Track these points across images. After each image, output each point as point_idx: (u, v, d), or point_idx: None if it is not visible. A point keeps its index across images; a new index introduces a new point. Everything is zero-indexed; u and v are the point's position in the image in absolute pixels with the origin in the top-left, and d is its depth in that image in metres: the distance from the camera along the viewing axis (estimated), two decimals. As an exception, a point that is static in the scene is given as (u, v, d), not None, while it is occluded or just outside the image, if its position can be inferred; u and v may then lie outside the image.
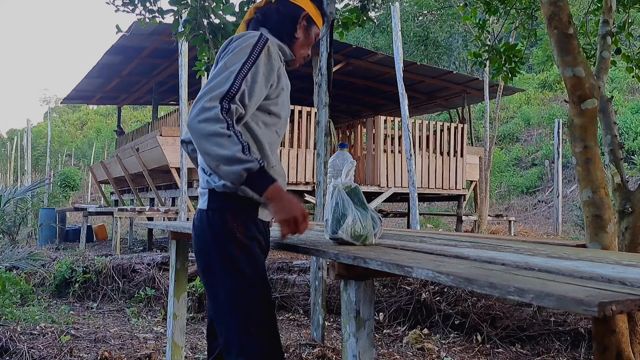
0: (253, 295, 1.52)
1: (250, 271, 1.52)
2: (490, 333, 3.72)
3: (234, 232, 1.51)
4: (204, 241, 1.56)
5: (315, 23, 1.67)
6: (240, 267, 1.51)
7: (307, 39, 1.67)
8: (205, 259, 1.56)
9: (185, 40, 3.85)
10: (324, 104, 3.81)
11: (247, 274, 1.51)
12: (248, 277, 1.51)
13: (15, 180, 24.65)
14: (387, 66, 9.58)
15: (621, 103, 17.24)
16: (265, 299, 1.55)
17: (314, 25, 1.67)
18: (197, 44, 3.58)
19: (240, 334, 1.51)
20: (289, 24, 1.63)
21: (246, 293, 1.51)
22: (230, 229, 1.51)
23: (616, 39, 4.11)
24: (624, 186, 2.54)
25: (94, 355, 3.29)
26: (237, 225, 1.52)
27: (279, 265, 5.19)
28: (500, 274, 1.03)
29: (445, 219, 13.57)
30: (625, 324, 2.04)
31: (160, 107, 14.73)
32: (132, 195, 11.51)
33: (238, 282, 1.51)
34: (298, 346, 3.47)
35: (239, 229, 1.52)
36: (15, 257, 4.84)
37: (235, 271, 1.51)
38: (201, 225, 1.57)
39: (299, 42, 1.66)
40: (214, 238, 1.53)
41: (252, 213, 1.56)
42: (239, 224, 1.52)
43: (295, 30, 1.64)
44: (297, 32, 1.64)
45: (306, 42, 1.68)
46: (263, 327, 1.53)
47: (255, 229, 1.57)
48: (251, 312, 1.51)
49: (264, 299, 1.54)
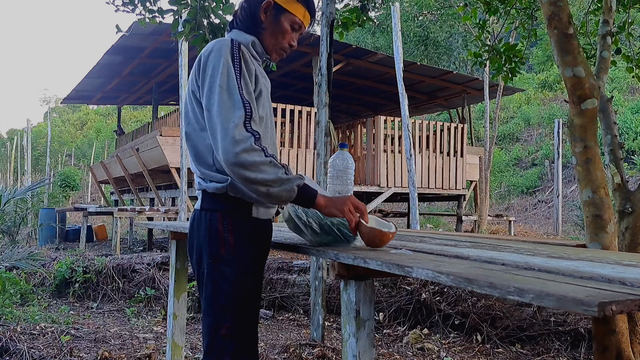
0: (229, 296, 1.52)
1: (230, 272, 1.52)
2: (490, 333, 3.72)
3: (223, 232, 1.53)
4: (196, 240, 1.59)
5: (286, 10, 1.61)
6: (222, 268, 1.52)
7: (277, 28, 1.62)
8: (195, 257, 1.60)
9: (185, 40, 3.85)
10: (324, 104, 3.81)
11: (227, 275, 1.52)
12: (227, 278, 1.52)
13: (15, 180, 24.66)
14: (387, 66, 9.58)
15: (621, 103, 17.24)
16: (242, 301, 1.54)
17: (286, 13, 1.62)
18: (197, 44, 3.58)
19: (211, 333, 1.53)
20: (253, 14, 1.62)
21: (223, 293, 1.52)
22: (218, 229, 1.53)
23: (616, 39, 4.11)
24: (624, 186, 2.54)
25: (94, 355, 3.29)
26: (227, 225, 1.53)
27: (279, 265, 5.18)
28: (500, 274, 1.03)
29: (445, 219, 13.57)
30: (625, 324, 2.04)
31: (160, 107, 14.75)
32: (132, 195, 11.51)
33: (216, 282, 1.53)
34: (298, 346, 3.46)
35: (229, 228, 1.53)
36: (15, 257, 4.83)
37: (215, 270, 1.53)
38: (193, 224, 1.61)
39: (267, 32, 1.62)
40: (203, 237, 1.56)
41: (245, 212, 1.57)
42: (229, 223, 1.54)
43: (261, 21, 1.62)
44: (263, 22, 1.62)
45: (279, 31, 1.62)
46: (235, 331, 1.53)
47: (249, 228, 1.57)
48: (225, 313, 1.52)
49: (241, 301, 1.54)
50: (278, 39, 1.64)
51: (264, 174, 1.40)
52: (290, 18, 1.63)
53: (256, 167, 1.39)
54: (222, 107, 1.43)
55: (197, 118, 1.56)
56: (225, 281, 1.52)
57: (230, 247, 1.53)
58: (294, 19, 1.63)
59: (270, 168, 1.41)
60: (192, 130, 1.58)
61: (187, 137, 1.60)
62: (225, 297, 1.52)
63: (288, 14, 1.62)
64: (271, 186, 1.41)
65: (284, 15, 1.62)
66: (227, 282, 1.52)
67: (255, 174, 1.39)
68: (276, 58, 1.68)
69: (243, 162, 1.38)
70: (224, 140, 1.40)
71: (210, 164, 1.55)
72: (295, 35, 1.67)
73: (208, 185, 1.55)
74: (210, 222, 1.55)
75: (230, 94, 1.44)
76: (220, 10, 3.43)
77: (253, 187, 1.42)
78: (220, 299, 1.52)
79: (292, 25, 1.64)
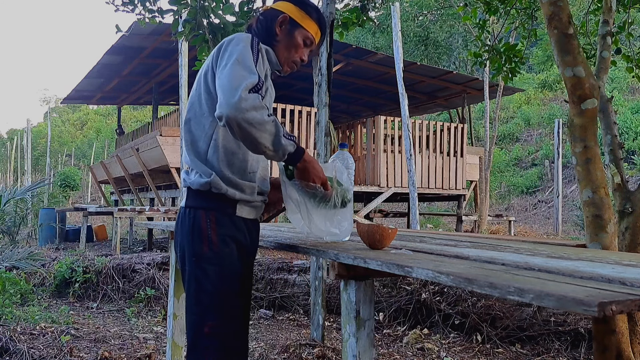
0: (212, 294, 1.53)
1: (213, 270, 1.53)
2: (490, 333, 3.72)
3: (206, 230, 1.55)
4: (179, 237, 1.61)
5: (300, 26, 1.69)
6: (204, 266, 1.54)
7: (290, 42, 1.69)
8: (179, 255, 1.62)
9: (185, 40, 3.85)
10: (324, 104, 3.81)
11: (210, 273, 1.53)
12: (210, 276, 1.53)
13: (15, 180, 24.66)
14: (387, 66, 9.57)
15: (621, 103, 17.24)
16: (225, 299, 1.55)
17: (300, 28, 1.69)
18: (197, 44, 3.58)
19: (194, 331, 1.55)
20: (269, 27, 1.68)
21: (205, 291, 1.53)
22: (201, 227, 1.55)
23: (616, 39, 4.11)
24: (624, 186, 2.54)
25: (94, 355, 3.29)
26: (210, 222, 1.55)
27: (279, 265, 5.18)
28: (500, 274, 1.03)
29: (445, 219, 13.57)
30: (625, 324, 2.04)
31: (160, 107, 14.73)
32: (132, 195, 11.51)
33: (199, 280, 1.54)
34: (298, 346, 3.47)
35: (212, 226, 1.55)
36: (15, 257, 4.83)
37: (198, 268, 1.54)
38: (178, 222, 1.64)
39: (281, 46, 1.68)
40: (186, 235, 1.58)
41: (228, 210, 1.58)
42: (212, 221, 1.55)
43: (276, 34, 1.68)
44: (278, 35, 1.68)
45: (292, 46, 1.69)
46: (218, 329, 1.53)
47: (233, 227, 1.58)
48: (208, 312, 1.53)
49: (224, 300, 1.54)
50: (291, 53, 1.70)
51: (269, 132, 1.43)
52: (304, 33, 1.70)
53: (262, 126, 1.41)
54: (234, 69, 1.45)
55: (201, 103, 1.59)
56: (208, 279, 1.53)
57: (214, 245, 1.54)
58: (307, 35, 1.71)
59: (274, 127, 1.44)
60: (193, 116, 1.62)
61: (185, 122, 1.63)
62: (208, 296, 1.53)
63: (302, 30, 1.70)
64: (275, 138, 1.44)
65: (297, 30, 1.69)
66: (209, 280, 1.53)
67: (260, 133, 1.42)
68: (287, 71, 1.74)
69: (251, 119, 1.39)
70: (232, 92, 1.41)
71: (202, 152, 1.57)
72: (307, 50, 1.74)
73: (192, 181, 1.58)
74: (194, 219, 1.57)
75: (245, 64, 1.47)
76: (220, 10, 3.43)
77: (255, 142, 1.44)
78: (202, 297, 1.54)
79: (305, 41, 1.71)
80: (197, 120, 1.60)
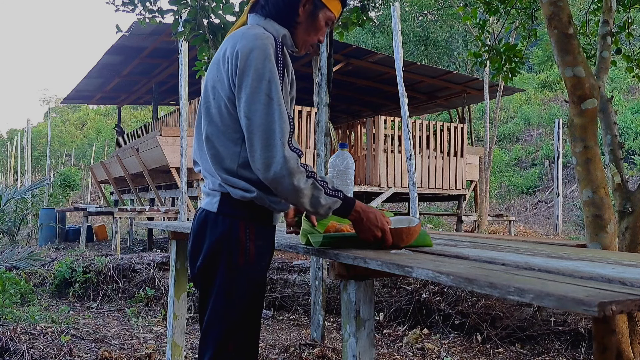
0: (242, 311, 1.45)
1: (245, 282, 1.45)
2: (490, 333, 3.72)
3: (244, 242, 1.45)
4: (207, 244, 1.47)
5: (325, 6, 1.53)
6: (237, 278, 1.45)
7: (312, 24, 1.54)
8: (205, 263, 1.48)
9: (185, 40, 3.85)
10: (324, 104, 3.81)
11: (241, 285, 1.45)
12: (243, 291, 1.45)
13: (15, 180, 24.64)
14: (387, 66, 9.58)
15: (621, 103, 17.24)
16: (253, 317, 1.48)
17: (324, 9, 1.53)
18: (197, 44, 3.58)
19: (216, 347, 1.45)
20: (290, 8, 1.52)
21: (235, 307, 1.45)
22: (239, 238, 1.45)
23: (616, 39, 4.11)
24: (624, 186, 2.54)
25: (94, 355, 3.28)
26: (249, 233, 1.46)
27: (279, 265, 5.18)
28: (500, 274, 1.03)
29: (445, 219, 13.57)
30: (625, 324, 2.04)
31: (160, 107, 14.73)
32: (132, 195, 11.51)
33: (230, 294, 1.44)
34: (298, 346, 3.47)
35: (251, 237, 1.46)
36: (15, 257, 4.84)
37: (231, 281, 1.44)
38: (206, 227, 1.49)
39: (302, 27, 1.54)
40: (220, 244, 1.45)
41: (267, 221, 1.52)
42: (252, 232, 1.47)
43: (297, 15, 1.52)
44: (300, 16, 1.52)
45: (313, 27, 1.54)
46: (242, 348, 1.46)
47: (270, 237, 1.54)
48: (234, 328, 1.45)
49: (252, 317, 1.48)
50: (310, 35, 1.56)
51: (309, 196, 1.38)
52: (327, 15, 1.55)
53: (302, 192, 1.36)
54: (267, 118, 1.36)
55: (223, 118, 1.45)
56: (239, 293, 1.45)
57: (250, 257, 1.46)
58: (330, 15, 1.55)
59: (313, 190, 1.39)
60: (215, 131, 1.46)
61: (207, 139, 1.49)
62: (237, 312, 1.45)
63: (326, 10, 1.54)
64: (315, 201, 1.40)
65: (321, 11, 1.53)
66: (241, 294, 1.45)
67: (300, 198, 1.37)
68: (302, 53, 1.61)
69: (291, 186, 1.35)
70: (270, 151, 1.34)
71: (232, 170, 1.45)
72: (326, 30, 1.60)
73: (232, 190, 1.45)
74: (231, 229, 1.45)
75: (275, 105, 1.37)
76: (220, 10, 3.43)
77: (298, 204, 1.41)
78: (231, 313, 1.45)
79: (327, 21, 1.56)
80: (219, 138, 1.46)
